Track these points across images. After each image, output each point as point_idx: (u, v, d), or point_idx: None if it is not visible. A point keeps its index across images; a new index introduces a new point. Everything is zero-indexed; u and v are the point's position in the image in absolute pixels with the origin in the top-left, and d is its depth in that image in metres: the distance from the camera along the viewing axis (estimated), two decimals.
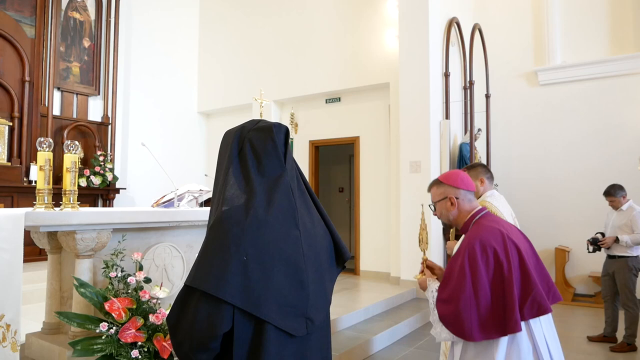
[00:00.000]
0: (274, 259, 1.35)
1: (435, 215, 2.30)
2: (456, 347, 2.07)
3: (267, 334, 1.32)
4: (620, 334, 4.96)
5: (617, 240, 4.83)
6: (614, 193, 4.94)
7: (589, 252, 5.22)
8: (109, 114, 8.06)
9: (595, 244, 5.03)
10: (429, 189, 2.31)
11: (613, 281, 4.96)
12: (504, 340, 1.94)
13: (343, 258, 1.63)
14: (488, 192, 3.13)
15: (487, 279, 1.96)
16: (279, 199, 1.40)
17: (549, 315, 2.05)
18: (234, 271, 1.28)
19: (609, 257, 4.99)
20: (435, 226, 6.35)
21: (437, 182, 2.28)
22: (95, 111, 7.99)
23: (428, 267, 2.32)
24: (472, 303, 1.93)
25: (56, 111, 7.46)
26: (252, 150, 1.43)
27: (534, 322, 1.99)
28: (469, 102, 7.33)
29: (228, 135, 1.50)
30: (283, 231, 1.38)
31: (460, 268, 1.98)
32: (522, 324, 1.91)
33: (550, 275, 7.56)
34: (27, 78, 7.02)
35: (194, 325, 1.29)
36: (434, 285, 2.14)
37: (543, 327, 2.02)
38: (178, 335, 1.33)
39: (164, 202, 3.88)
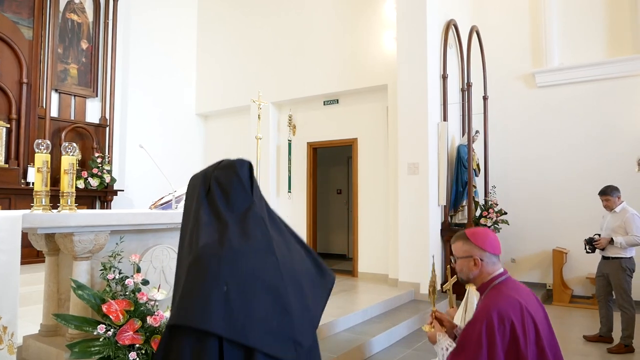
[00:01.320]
0: (254, 286, 1.36)
1: (453, 267, 2.27)
2: None
3: None
4: (617, 335, 4.98)
5: (611, 241, 4.87)
6: (609, 192, 5.00)
7: (587, 252, 5.26)
8: (107, 116, 8.05)
9: (591, 243, 5.08)
10: (454, 241, 2.27)
11: (607, 282, 5.01)
12: None
13: (328, 280, 1.64)
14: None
15: (503, 352, 1.93)
16: (251, 229, 1.43)
17: None
18: (216, 302, 1.29)
19: (604, 258, 5.05)
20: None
21: (464, 238, 2.23)
22: (93, 113, 7.98)
23: (437, 318, 2.34)
24: None
25: (54, 113, 7.44)
26: (219, 188, 1.46)
27: None
28: (466, 104, 7.34)
29: (194, 179, 1.54)
30: (260, 259, 1.40)
31: (477, 337, 1.95)
32: None
33: (548, 276, 7.64)
34: (24, 80, 7.01)
35: None
36: (444, 342, 2.15)
37: None
38: None
39: (162, 204, 3.88)
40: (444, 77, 6.92)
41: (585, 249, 5.21)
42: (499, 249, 2.25)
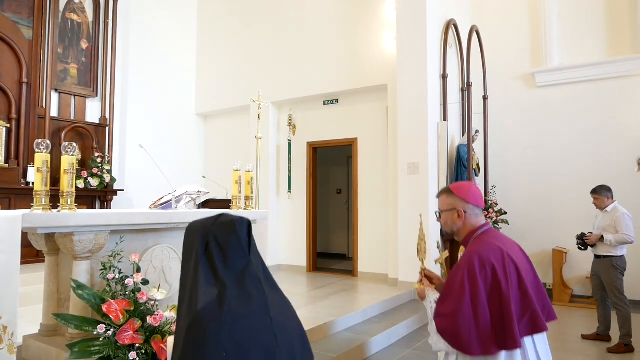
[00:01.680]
0: (251, 351, 1.39)
1: (439, 222, 2.33)
2: (451, 358, 2.10)
3: None
4: (615, 334, 4.99)
5: (602, 239, 4.94)
6: (599, 191, 5.08)
7: (579, 248, 5.35)
8: (107, 116, 8.05)
9: (582, 239, 5.16)
10: (439, 196, 2.32)
11: (601, 280, 5.07)
12: (502, 356, 1.98)
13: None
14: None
15: (486, 295, 1.99)
16: (248, 289, 1.46)
17: (544, 333, 2.09)
18: None
19: (596, 257, 5.12)
20: (434, 235, 6.34)
21: (447, 192, 2.29)
22: (92, 113, 7.98)
23: (426, 276, 2.36)
24: (470, 318, 1.96)
25: (54, 113, 7.45)
26: (218, 246, 1.48)
27: (527, 340, 2.02)
28: (466, 103, 7.34)
29: (193, 230, 1.55)
30: (257, 322, 1.43)
31: (460, 283, 2.01)
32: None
33: (548, 276, 7.62)
34: (24, 80, 7.02)
35: None
36: (432, 296, 2.18)
37: (536, 344, 2.06)
38: None
39: (161, 204, 3.88)
40: (444, 77, 6.92)
41: (577, 244, 5.29)
42: (481, 202, 2.29)
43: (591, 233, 5.18)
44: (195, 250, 1.49)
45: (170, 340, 1.58)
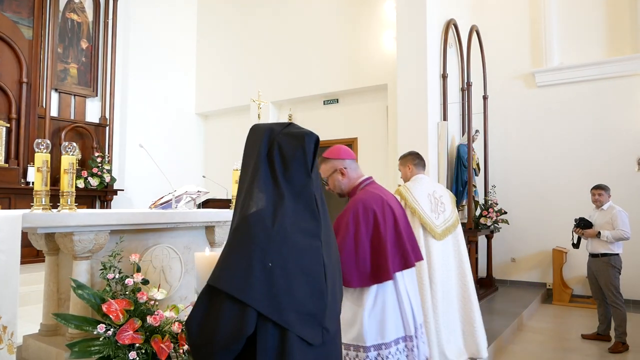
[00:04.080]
0: (297, 268, 1.36)
1: (328, 189, 2.51)
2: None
3: (289, 342, 1.33)
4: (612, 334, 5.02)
5: (598, 235, 4.99)
6: (605, 187, 5.16)
7: (573, 244, 5.46)
8: (107, 115, 8.05)
9: (580, 225, 5.22)
10: (318, 168, 2.48)
11: (597, 280, 5.11)
12: (374, 288, 2.28)
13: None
14: (414, 177, 3.71)
15: (367, 236, 2.29)
16: (303, 209, 1.42)
17: (413, 270, 2.48)
18: (259, 277, 1.30)
19: (592, 255, 5.16)
20: None
21: (323, 160, 2.52)
22: (92, 112, 7.98)
23: None
24: (352, 255, 2.24)
25: (54, 112, 7.45)
26: (281, 156, 1.42)
27: (399, 274, 2.36)
28: (466, 103, 7.34)
29: (257, 132, 1.48)
30: (306, 242, 1.40)
31: (345, 224, 2.30)
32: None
33: (548, 276, 7.63)
34: (24, 79, 7.01)
35: (218, 326, 1.30)
36: None
37: (406, 280, 2.41)
38: (201, 336, 1.34)
39: (162, 204, 3.88)
40: (444, 77, 6.91)
41: (573, 231, 5.37)
42: (354, 155, 2.57)
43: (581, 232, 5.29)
44: (257, 152, 1.42)
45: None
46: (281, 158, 1.42)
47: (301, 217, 1.41)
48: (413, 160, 3.74)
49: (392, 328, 2.30)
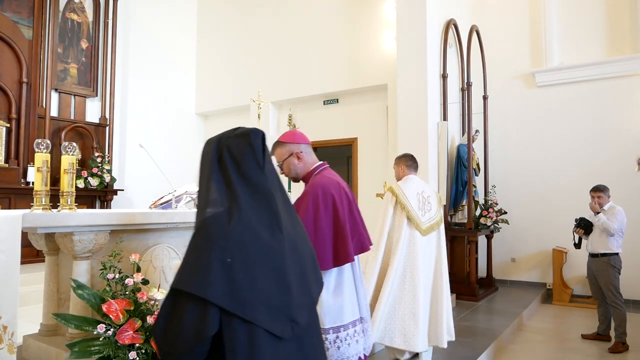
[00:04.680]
0: (258, 261, 1.36)
1: (283, 174, 2.55)
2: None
3: (258, 338, 1.32)
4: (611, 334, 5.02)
5: (596, 215, 5.06)
6: (603, 189, 5.13)
7: (575, 243, 5.47)
8: (107, 115, 8.05)
9: (581, 225, 5.29)
10: (272, 152, 2.55)
11: (597, 280, 5.11)
12: (334, 271, 2.34)
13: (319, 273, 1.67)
14: (405, 177, 3.97)
15: (327, 219, 2.35)
16: (260, 203, 1.43)
17: (359, 256, 2.57)
18: (218, 273, 1.29)
19: (592, 255, 5.15)
20: None
21: (279, 144, 2.57)
22: (92, 112, 7.98)
23: None
24: (311, 238, 2.18)
25: (54, 112, 7.44)
26: (231, 156, 1.45)
27: (355, 259, 2.44)
28: (466, 103, 7.34)
29: (208, 144, 1.53)
30: (266, 234, 1.40)
31: (305, 208, 2.34)
32: None
33: (548, 276, 7.63)
34: (24, 79, 7.01)
35: (181, 329, 1.29)
36: None
37: (356, 263, 2.50)
38: (165, 341, 1.33)
39: (162, 204, 3.88)
40: (444, 77, 6.91)
41: (574, 240, 5.42)
42: (308, 140, 2.64)
43: (579, 237, 5.39)
44: (209, 161, 1.47)
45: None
46: (232, 158, 1.45)
47: (260, 212, 1.41)
48: (406, 162, 4.04)
49: (349, 310, 2.38)
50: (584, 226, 5.26)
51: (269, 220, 1.42)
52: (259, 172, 1.46)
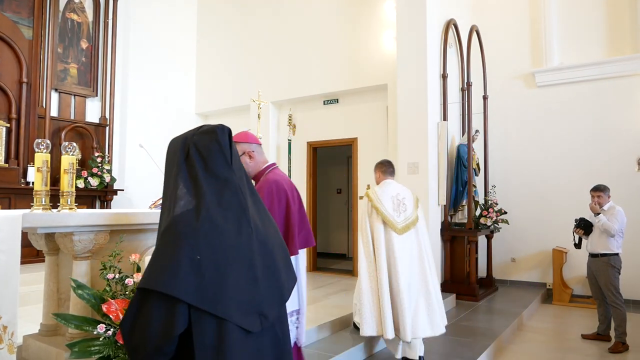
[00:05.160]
0: (227, 257, 1.36)
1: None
2: None
3: (228, 333, 1.33)
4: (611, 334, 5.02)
5: (597, 216, 5.03)
6: (603, 189, 5.12)
7: (575, 243, 5.45)
8: (107, 115, 8.05)
9: (581, 225, 5.28)
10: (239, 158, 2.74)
11: (597, 280, 5.10)
12: None
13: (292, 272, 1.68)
14: (382, 181, 4.32)
15: (280, 213, 2.53)
16: (228, 199, 1.43)
17: (304, 250, 2.77)
18: (187, 270, 1.29)
19: (592, 255, 5.14)
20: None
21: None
22: (93, 112, 7.98)
23: None
24: None
25: (54, 112, 7.44)
26: (198, 153, 1.45)
27: (300, 252, 2.64)
28: (466, 103, 7.34)
29: (173, 143, 1.52)
30: (234, 230, 1.40)
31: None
32: None
33: (548, 276, 7.65)
34: (24, 79, 7.01)
35: (148, 327, 1.28)
36: None
37: (300, 257, 2.69)
38: (133, 340, 1.32)
39: (161, 204, 3.87)
40: (444, 77, 6.92)
41: (574, 240, 5.42)
42: (259, 141, 2.83)
43: (580, 236, 5.38)
44: (176, 160, 1.46)
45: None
46: (199, 155, 1.45)
47: (228, 208, 1.42)
48: (382, 168, 4.37)
49: (289, 301, 2.47)
50: (584, 226, 5.26)
51: (237, 216, 1.42)
52: (227, 168, 1.46)
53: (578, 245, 5.45)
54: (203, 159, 1.44)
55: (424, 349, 4.09)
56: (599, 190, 5.12)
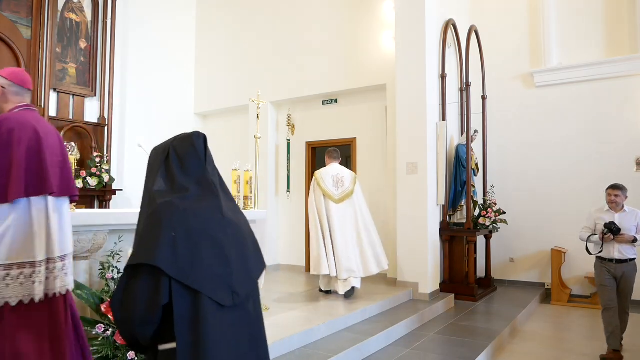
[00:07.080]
0: (201, 237, 1.56)
1: None
2: None
3: (202, 306, 1.49)
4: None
5: (634, 240, 4.54)
6: (622, 187, 4.74)
7: (597, 249, 4.77)
8: (106, 115, 8.04)
9: (612, 230, 4.55)
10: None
11: (619, 286, 4.65)
12: (5, 207, 2.29)
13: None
14: (328, 164, 5.97)
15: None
16: (203, 192, 1.65)
17: (67, 200, 2.56)
18: (164, 244, 1.47)
19: (618, 261, 4.61)
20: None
21: None
22: (91, 112, 7.97)
23: None
24: None
25: (52, 112, 7.43)
26: (176, 155, 1.68)
27: (39, 199, 2.38)
28: (465, 103, 7.35)
29: (156, 150, 1.75)
30: (208, 216, 1.61)
31: None
32: (25, 198, 2.33)
33: (547, 276, 7.59)
34: None
35: (135, 300, 1.46)
36: None
37: (52, 203, 2.43)
38: (122, 313, 1.49)
39: None
40: (443, 77, 6.92)
41: (602, 237, 4.65)
42: (26, 83, 2.57)
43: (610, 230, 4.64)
44: (158, 163, 1.69)
45: None
46: (177, 156, 1.67)
47: (203, 199, 1.63)
48: (329, 154, 6.02)
49: (64, 244, 2.44)
50: (613, 231, 4.60)
51: (210, 205, 1.63)
52: (201, 167, 1.69)
53: (598, 251, 4.78)
54: (180, 159, 1.67)
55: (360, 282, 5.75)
56: (618, 189, 4.70)
